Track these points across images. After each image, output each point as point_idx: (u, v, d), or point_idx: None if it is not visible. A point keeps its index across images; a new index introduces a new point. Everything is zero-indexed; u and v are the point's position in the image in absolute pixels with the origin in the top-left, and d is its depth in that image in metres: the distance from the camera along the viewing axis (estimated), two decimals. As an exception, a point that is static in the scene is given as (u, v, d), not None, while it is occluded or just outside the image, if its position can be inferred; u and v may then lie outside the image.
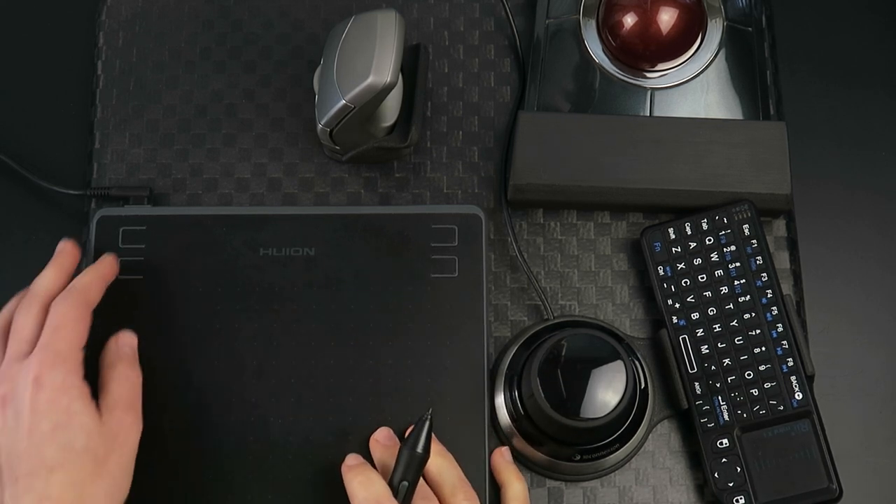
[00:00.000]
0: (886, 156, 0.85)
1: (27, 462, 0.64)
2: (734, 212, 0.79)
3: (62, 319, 0.68)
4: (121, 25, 0.87)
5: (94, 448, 0.66)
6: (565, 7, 0.86)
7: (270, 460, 0.74)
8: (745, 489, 0.74)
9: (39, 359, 0.66)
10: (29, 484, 0.64)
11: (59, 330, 0.68)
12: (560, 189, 0.80)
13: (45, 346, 0.67)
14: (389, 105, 0.80)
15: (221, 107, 0.85)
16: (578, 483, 0.77)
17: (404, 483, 0.68)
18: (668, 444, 0.78)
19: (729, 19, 0.85)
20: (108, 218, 0.79)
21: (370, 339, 0.77)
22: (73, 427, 0.65)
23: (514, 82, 0.86)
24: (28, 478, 0.64)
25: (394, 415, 0.75)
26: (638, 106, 0.84)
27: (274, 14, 0.87)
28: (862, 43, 0.88)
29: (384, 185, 0.83)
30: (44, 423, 0.65)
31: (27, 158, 0.84)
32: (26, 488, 0.64)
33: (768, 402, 0.75)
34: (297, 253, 0.78)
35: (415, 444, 0.68)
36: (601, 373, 0.71)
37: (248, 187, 0.83)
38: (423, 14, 0.87)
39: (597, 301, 0.81)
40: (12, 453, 0.65)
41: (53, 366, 0.66)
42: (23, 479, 0.64)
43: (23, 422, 0.65)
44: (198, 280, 0.78)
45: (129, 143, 0.84)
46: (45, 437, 0.65)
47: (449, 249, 0.78)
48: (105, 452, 0.66)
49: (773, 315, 0.77)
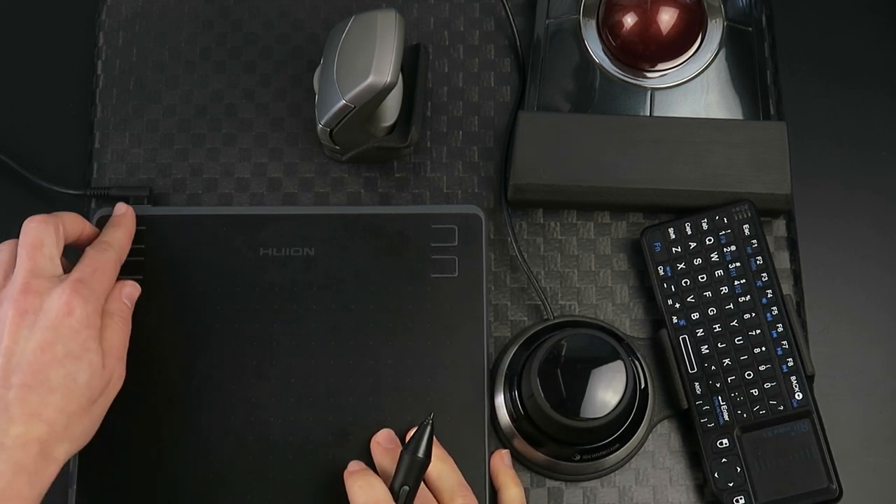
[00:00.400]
0: (886, 156, 0.85)
1: (29, 375, 0.65)
2: (734, 212, 0.79)
3: (101, 266, 0.70)
4: (121, 25, 0.87)
5: (92, 386, 0.67)
6: (565, 7, 0.86)
7: (270, 460, 0.74)
8: (745, 489, 0.74)
9: (75, 288, 0.67)
10: (23, 395, 0.64)
11: (97, 273, 0.70)
12: (560, 189, 0.80)
13: (82, 280, 0.68)
14: (389, 105, 0.80)
15: (221, 107, 0.85)
16: (578, 483, 0.77)
17: (405, 487, 0.68)
18: (668, 444, 0.78)
19: (729, 19, 0.85)
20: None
21: (370, 338, 0.77)
22: (83, 361, 0.67)
23: (514, 82, 0.86)
24: (24, 389, 0.65)
25: (394, 415, 0.75)
26: (638, 106, 0.84)
27: (274, 14, 0.87)
28: (862, 43, 0.88)
29: (384, 185, 0.83)
30: (59, 346, 0.66)
31: (27, 158, 0.84)
32: (19, 399, 0.64)
33: (768, 402, 0.75)
34: (296, 253, 0.78)
35: (416, 449, 0.68)
36: (601, 373, 0.71)
37: (248, 187, 0.83)
38: (423, 14, 0.87)
39: (597, 301, 0.81)
40: (16, 362, 0.65)
41: (87, 300, 0.68)
42: (18, 388, 0.65)
43: (37, 336, 0.66)
44: (197, 280, 0.78)
45: (129, 143, 0.84)
46: (55, 360, 0.66)
47: (449, 249, 0.78)
48: (97, 394, 0.68)
49: (773, 315, 0.77)
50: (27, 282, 0.68)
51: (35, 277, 0.68)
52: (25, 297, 0.67)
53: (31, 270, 0.68)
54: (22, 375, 0.65)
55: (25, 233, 0.70)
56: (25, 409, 0.64)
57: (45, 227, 0.70)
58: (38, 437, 0.64)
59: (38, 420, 0.64)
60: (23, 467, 0.63)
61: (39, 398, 0.65)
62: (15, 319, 0.66)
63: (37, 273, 0.68)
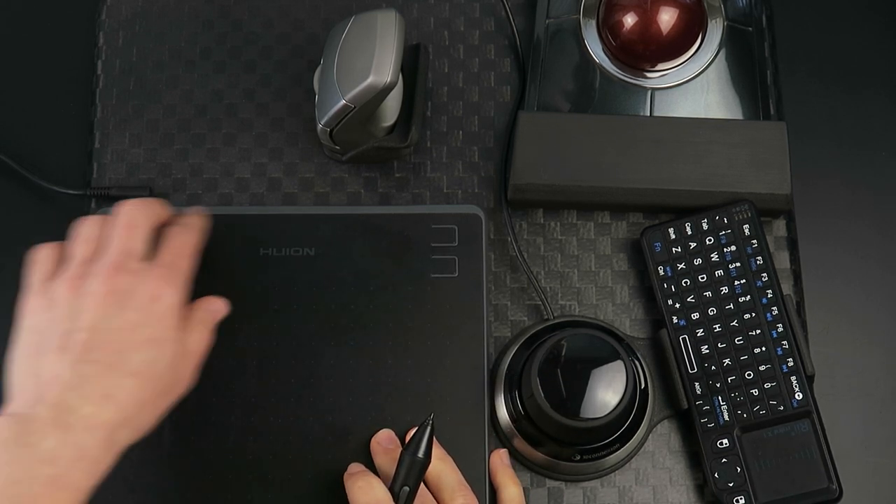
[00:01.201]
0: (886, 156, 0.85)
1: (111, 355, 0.64)
2: (734, 212, 0.79)
3: (186, 248, 0.70)
4: (121, 25, 0.87)
5: (167, 378, 0.66)
6: (565, 7, 0.86)
7: (270, 460, 0.74)
8: (745, 489, 0.74)
9: (165, 275, 0.67)
10: (100, 372, 0.63)
11: (184, 259, 0.69)
12: (560, 189, 0.80)
13: (172, 265, 0.68)
14: (389, 105, 0.80)
15: (221, 106, 0.85)
16: (578, 483, 0.77)
17: (405, 488, 0.68)
18: (668, 444, 0.78)
19: (729, 19, 0.85)
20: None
21: (370, 339, 0.77)
22: (164, 349, 0.66)
23: (515, 82, 0.86)
24: (103, 367, 0.63)
25: (393, 415, 0.75)
26: (638, 106, 0.84)
27: (274, 14, 0.87)
28: (862, 43, 0.88)
29: (384, 184, 0.83)
30: (146, 330, 0.65)
31: (27, 158, 0.84)
32: (97, 377, 0.63)
33: (768, 402, 0.75)
34: (297, 253, 0.78)
35: (416, 450, 0.68)
36: (601, 373, 0.71)
37: (248, 187, 0.83)
38: (423, 14, 0.87)
39: (597, 301, 0.81)
40: (96, 338, 0.64)
41: (176, 287, 0.67)
42: (97, 365, 0.63)
43: (124, 318, 0.65)
44: (198, 280, 0.77)
45: (129, 143, 0.84)
46: (137, 343, 0.65)
47: (449, 249, 0.78)
48: (168, 389, 0.67)
49: (774, 315, 0.77)
50: (120, 260, 0.67)
51: (127, 257, 0.67)
52: (117, 276, 0.66)
53: (125, 250, 0.68)
54: (102, 353, 0.64)
55: (121, 214, 0.69)
56: (101, 388, 0.63)
57: (141, 211, 0.70)
58: (106, 420, 0.62)
59: (110, 402, 0.63)
60: (85, 453, 0.61)
61: (116, 379, 0.63)
62: (105, 296, 0.65)
63: (129, 253, 0.67)
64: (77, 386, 0.62)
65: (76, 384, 0.62)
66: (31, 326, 0.66)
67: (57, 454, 0.60)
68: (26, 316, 0.67)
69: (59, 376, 0.63)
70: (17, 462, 0.60)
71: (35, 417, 0.61)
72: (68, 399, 0.62)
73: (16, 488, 0.59)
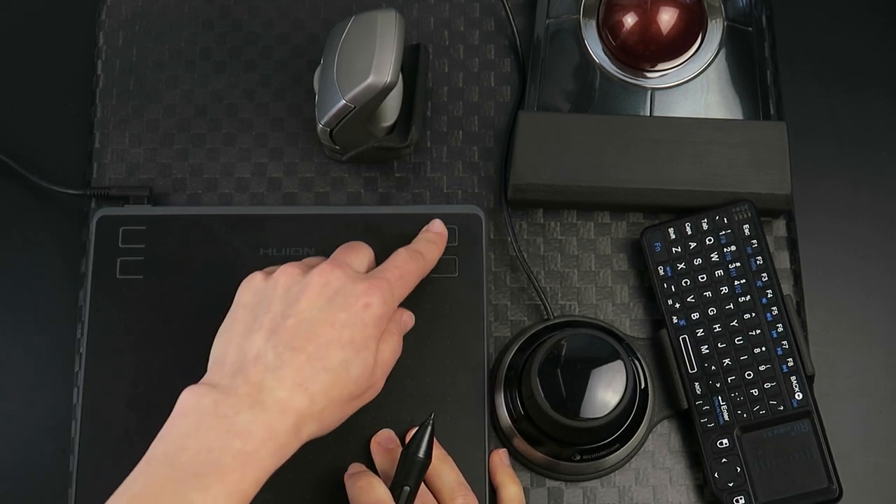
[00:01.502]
0: (886, 156, 0.85)
1: (313, 345, 0.65)
2: (734, 212, 0.79)
3: (408, 273, 0.71)
4: (121, 25, 0.87)
5: (358, 383, 0.66)
6: (565, 7, 0.86)
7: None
8: (745, 489, 0.74)
9: (378, 285, 0.68)
10: (301, 362, 0.64)
11: (402, 279, 0.70)
12: (560, 189, 0.80)
13: (388, 281, 0.69)
14: (389, 105, 0.80)
15: (221, 106, 0.85)
16: (578, 483, 0.77)
17: (406, 488, 0.68)
18: (667, 444, 0.78)
19: (729, 19, 0.85)
20: (108, 218, 0.79)
21: None
22: (360, 355, 0.66)
23: (515, 82, 0.86)
24: (303, 356, 0.64)
25: (393, 415, 0.75)
26: (638, 106, 0.84)
27: (274, 14, 0.87)
28: (862, 43, 0.88)
29: (384, 184, 0.83)
30: (347, 331, 0.66)
31: (27, 158, 0.84)
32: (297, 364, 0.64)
33: (768, 402, 0.75)
34: (296, 253, 0.78)
35: (417, 450, 0.68)
36: (601, 373, 0.71)
37: (248, 187, 0.83)
38: (423, 14, 0.87)
39: (597, 301, 0.81)
40: (302, 325, 0.65)
41: (385, 301, 0.68)
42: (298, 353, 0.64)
43: (332, 312, 0.66)
44: (198, 280, 0.78)
45: (129, 143, 0.84)
46: (339, 342, 0.65)
47: (449, 249, 0.78)
48: (353, 397, 0.67)
49: (773, 315, 0.77)
50: (337, 260, 0.69)
51: (344, 262, 0.69)
52: (332, 270, 0.67)
53: (342, 259, 0.70)
54: (306, 343, 0.65)
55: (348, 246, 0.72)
56: (297, 376, 0.64)
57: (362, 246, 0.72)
58: (297, 408, 0.63)
59: (303, 392, 0.64)
60: (274, 435, 0.62)
61: (313, 371, 0.64)
62: (317, 287, 0.67)
63: (345, 262, 0.69)
64: (276, 368, 0.64)
65: (276, 366, 0.64)
66: (247, 303, 0.68)
67: (250, 430, 0.62)
68: (244, 292, 0.69)
69: (263, 356, 0.65)
70: (214, 430, 0.61)
71: (234, 391, 0.63)
72: (266, 380, 0.64)
73: (208, 455, 0.61)
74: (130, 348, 0.73)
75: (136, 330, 0.73)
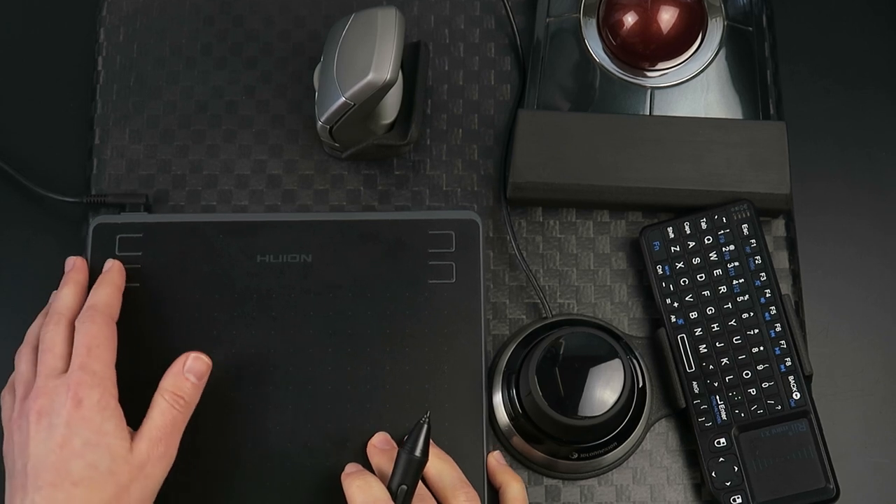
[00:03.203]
0: (886, 156, 0.85)
1: (53, 473, 0.66)
2: (733, 211, 0.79)
3: (94, 339, 0.70)
4: (122, 21, 0.87)
5: (118, 472, 0.67)
6: (566, 6, 0.86)
7: (268, 467, 0.74)
8: (743, 488, 0.74)
9: (77, 378, 0.68)
10: (51, 495, 0.65)
11: (93, 350, 0.70)
12: (559, 187, 0.80)
13: (82, 366, 0.69)
14: (389, 102, 0.80)
15: (222, 103, 0.85)
16: (576, 481, 0.77)
17: (403, 487, 0.68)
18: (665, 443, 0.78)
19: (729, 19, 0.85)
20: (104, 225, 0.79)
21: (368, 345, 0.76)
22: (102, 447, 0.67)
23: (515, 80, 0.86)
24: (51, 488, 0.65)
25: (391, 421, 0.75)
26: (638, 105, 0.84)
27: (275, 10, 0.87)
28: (862, 43, 0.88)
29: (383, 182, 0.83)
30: (76, 439, 0.66)
31: (27, 155, 0.84)
32: (48, 498, 0.65)
33: (766, 401, 0.75)
34: (294, 260, 0.78)
35: (413, 448, 0.68)
36: (599, 371, 0.71)
37: (247, 184, 0.83)
38: (423, 11, 0.87)
39: (595, 300, 0.81)
40: (40, 463, 0.66)
41: (91, 385, 0.68)
42: (46, 488, 0.65)
43: (56, 435, 0.67)
44: (195, 287, 0.77)
45: (130, 140, 0.84)
46: (74, 453, 0.66)
47: (446, 255, 0.78)
48: (128, 479, 0.67)
49: (772, 315, 0.77)
50: (40, 386, 0.69)
51: (47, 379, 0.69)
52: (37, 401, 0.68)
53: (46, 374, 0.69)
54: (47, 475, 0.66)
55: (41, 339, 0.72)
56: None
57: (56, 329, 0.72)
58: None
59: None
60: None
61: (65, 494, 0.65)
62: (33, 424, 0.67)
63: (48, 374, 0.69)
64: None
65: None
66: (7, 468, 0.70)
67: None
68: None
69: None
70: None
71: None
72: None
73: None
74: (127, 356, 0.73)
75: (133, 338, 0.73)
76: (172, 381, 0.71)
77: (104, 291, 0.74)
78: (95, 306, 0.73)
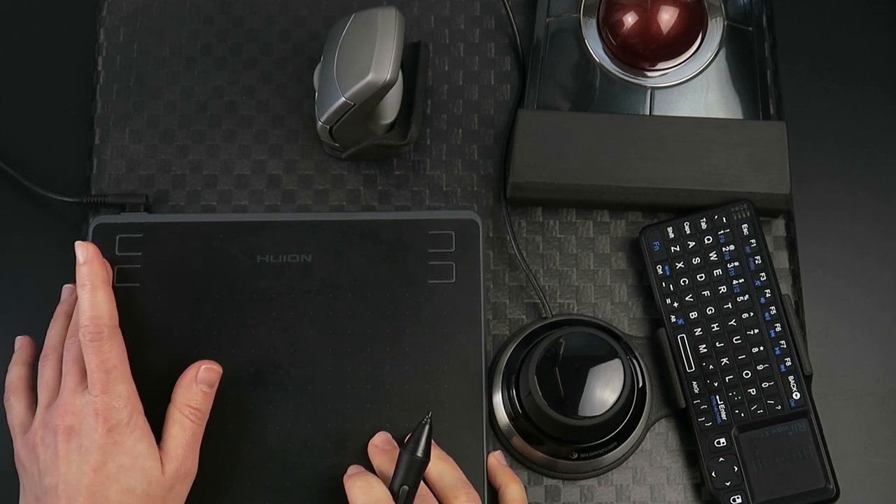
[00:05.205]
0: (886, 156, 0.85)
1: (90, 498, 0.66)
2: (733, 211, 0.79)
3: (111, 359, 0.69)
4: (122, 21, 0.87)
5: (153, 494, 0.67)
6: (566, 6, 0.86)
7: (269, 467, 0.74)
8: (742, 488, 0.74)
9: (105, 403, 0.68)
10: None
11: (111, 371, 0.69)
12: (559, 187, 0.80)
13: (105, 389, 0.68)
14: (389, 102, 0.80)
15: (222, 103, 0.85)
16: (576, 481, 0.77)
17: (405, 487, 0.68)
18: (665, 443, 0.78)
19: (729, 19, 0.85)
20: (104, 226, 0.78)
21: (368, 345, 0.76)
22: (136, 470, 0.67)
23: (515, 80, 0.86)
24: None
25: (392, 421, 0.75)
26: (638, 105, 0.84)
27: (275, 10, 0.88)
28: (862, 43, 0.88)
29: (383, 182, 0.83)
30: (110, 463, 0.67)
31: (27, 158, 0.84)
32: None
33: (766, 401, 0.75)
34: (294, 260, 0.78)
35: (415, 449, 0.68)
36: (599, 371, 0.71)
37: (247, 184, 0.83)
38: (423, 12, 0.87)
39: (595, 300, 0.81)
40: (73, 485, 0.66)
41: (119, 408, 0.68)
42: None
43: (89, 459, 0.67)
44: (195, 287, 0.77)
45: (129, 140, 0.84)
46: (109, 478, 0.66)
47: (446, 255, 0.78)
48: (161, 499, 0.68)
49: (772, 315, 0.77)
50: (66, 402, 0.69)
51: (73, 395, 0.69)
52: (65, 419, 0.68)
53: (71, 389, 0.69)
54: (82, 499, 0.66)
55: (67, 349, 0.71)
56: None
57: (72, 344, 0.71)
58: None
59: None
60: None
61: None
62: (62, 444, 0.67)
63: (74, 389, 0.69)
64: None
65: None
66: (23, 486, 0.70)
67: None
68: (20, 473, 0.71)
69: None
70: None
71: None
72: None
73: None
74: (129, 358, 0.73)
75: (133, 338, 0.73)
76: (185, 393, 0.71)
77: (102, 297, 0.72)
78: (101, 318, 0.71)
